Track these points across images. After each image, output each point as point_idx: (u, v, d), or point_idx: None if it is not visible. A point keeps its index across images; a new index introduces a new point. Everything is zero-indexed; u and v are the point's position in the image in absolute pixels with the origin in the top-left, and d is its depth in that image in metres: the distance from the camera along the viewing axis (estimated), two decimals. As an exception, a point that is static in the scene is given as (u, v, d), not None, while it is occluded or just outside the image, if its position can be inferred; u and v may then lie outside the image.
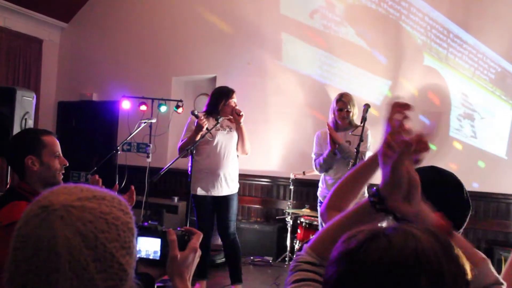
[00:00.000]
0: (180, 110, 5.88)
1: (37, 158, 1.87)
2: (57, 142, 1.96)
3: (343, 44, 5.74)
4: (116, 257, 0.77)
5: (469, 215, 1.24)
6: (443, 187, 1.25)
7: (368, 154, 3.66)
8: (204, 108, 3.94)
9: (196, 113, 3.70)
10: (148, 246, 0.97)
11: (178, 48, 6.82)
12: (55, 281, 0.72)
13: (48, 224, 0.74)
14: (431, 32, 5.30)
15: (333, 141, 3.54)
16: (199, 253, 1.20)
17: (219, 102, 3.82)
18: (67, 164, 1.96)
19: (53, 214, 0.75)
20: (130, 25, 7.25)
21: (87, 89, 7.51)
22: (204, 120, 3.58)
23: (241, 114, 3.75)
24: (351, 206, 1.25)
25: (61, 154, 1.96)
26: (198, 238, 1.20)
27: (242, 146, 3.87)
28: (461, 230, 1.20)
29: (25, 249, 0.74)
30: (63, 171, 1.96)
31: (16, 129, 3.96)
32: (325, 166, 3.72)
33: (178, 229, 1.20)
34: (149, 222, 0.83)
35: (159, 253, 1.16)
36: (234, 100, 3.85)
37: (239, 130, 3.82)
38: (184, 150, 3.47)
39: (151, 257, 1.15)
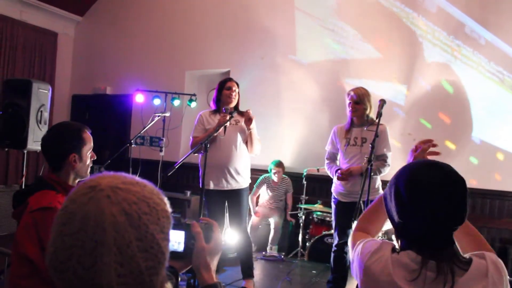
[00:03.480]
0: (193, 104, 5.89)
1: (79, 155, 1.95)
2: (92, 138, 2.05)
3: (359, 40, 5.70)
4: (156, 239, 0.81)
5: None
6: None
7: (389, 155, 3.66)
8: (212, 105, 3.96)
9: (229, 112, 3.72)
10: (172, 239, 0.99)
11: (191, 42, 6.83)
12: (100, 255, 0.75)
13: (96, 202, 0.78)
14: (448, 27, 5.25)
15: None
16: (222, 244, 1.22)
17: (218, 95, 3.87)
18: (95, 158, 2.05)
19: (100, 193, 0.79)
20: (144, 19, 7.27)
21: (101, 82, 7.56)
22: (226, 116, 3.61)
23: (249, 118, 3.71)
24: (377, 230, 1.58)
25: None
26: (217, 228, 1.22)
27: (250, 147, 3.86)
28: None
29: (72, 224, 0.77)
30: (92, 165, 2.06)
31: (32, 121, 4.02)
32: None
33: (201, 221, 1.21)
34: (172, 214, 0.88)
35: (182, 245, 1.17)
36: (232, 88, 3.83)
37: (248, 133, 3.81)
38: (198, 145, 3.48)
39: (175, 247, 1.16)
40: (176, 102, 5.93)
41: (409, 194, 1.23)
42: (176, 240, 1.17)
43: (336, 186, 3.80)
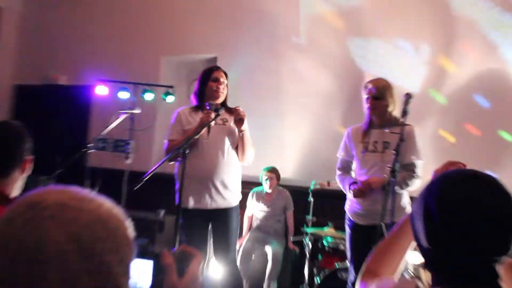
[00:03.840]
0: (170, 98, 5.81)
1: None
2: None
3: (379, 17, 5.68)
4: (113, 273, 0.79)
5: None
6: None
7: (419, 164, 3.60)
8: (193, 100, 3.91)
9: (215, 108, 3.63)
10: (135, 272, 0.91)
11: (169, 21, 6.82)
12: None
13: (36, 225, 0.76)
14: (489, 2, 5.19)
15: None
16: (200, 280, 1.19)
17: (202, 87, 3.83)
18: None
19: (43, 213, 0.77)
20: (109, -9, 7.27)
21: (53, 70, 7.50)
22: (210, 114, 3.56)
23: (240, 118, 3.68)
24: (391, 272, 1.57)
25: None
26: (198, 261, 1.19)
27: (241, 154, 3.83)
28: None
29: (4, 253, 0.75)
30: None
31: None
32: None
33: (174, 250, 1.20)
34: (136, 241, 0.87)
35: (150, 281, 1.12)
36: (220, 79, 3.80)
37: (239, 136, 3.78)
38: (175, 150, 3.41)
39: (138, 286, 1.10)
40: (149, 96, 5.91)
41: (441, 212, 1.21)
42: (141, 274, 1.10)
43: (351, 204, 3.76)
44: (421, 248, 1.29)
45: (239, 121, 3.68)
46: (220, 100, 3.79)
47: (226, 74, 3.90)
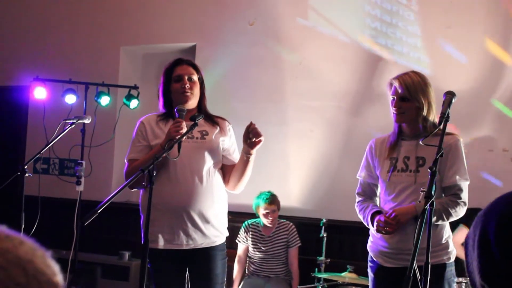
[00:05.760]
0: (134, 102, 5.83)
1: None
2: None
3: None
4: None
5: None
6: None
7: (465, 186, 3.54)
8: (161, 107, 3.95)
9: (181, 110, 3.65)
10: None
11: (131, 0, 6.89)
12: None
13: None
14: None
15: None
16: None
17: (166, 90, 3.88)
18: None
19: None
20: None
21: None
22: (180, 124, 3.56)
23: (258, 140, 3.63)
24: None
25: None
26: None
27: (236, 181, 3.86)
28: None
29: None
30: None
31: None
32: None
33: None
34: None
35: None
36: (183, 77, 3.81)
37: (244, 160, 3.76)
38: (138, 172, 3.41)
39: None
40: (105, 100, 5.89)
41: (503, 243, 1.22)
42: None
43: (374, 241, 3.75)
44: (473, 284, 1.29)
45: (254, 139, 3.61)
46: (190, 104, 3.81)
47: (196, 68, 3.91)
